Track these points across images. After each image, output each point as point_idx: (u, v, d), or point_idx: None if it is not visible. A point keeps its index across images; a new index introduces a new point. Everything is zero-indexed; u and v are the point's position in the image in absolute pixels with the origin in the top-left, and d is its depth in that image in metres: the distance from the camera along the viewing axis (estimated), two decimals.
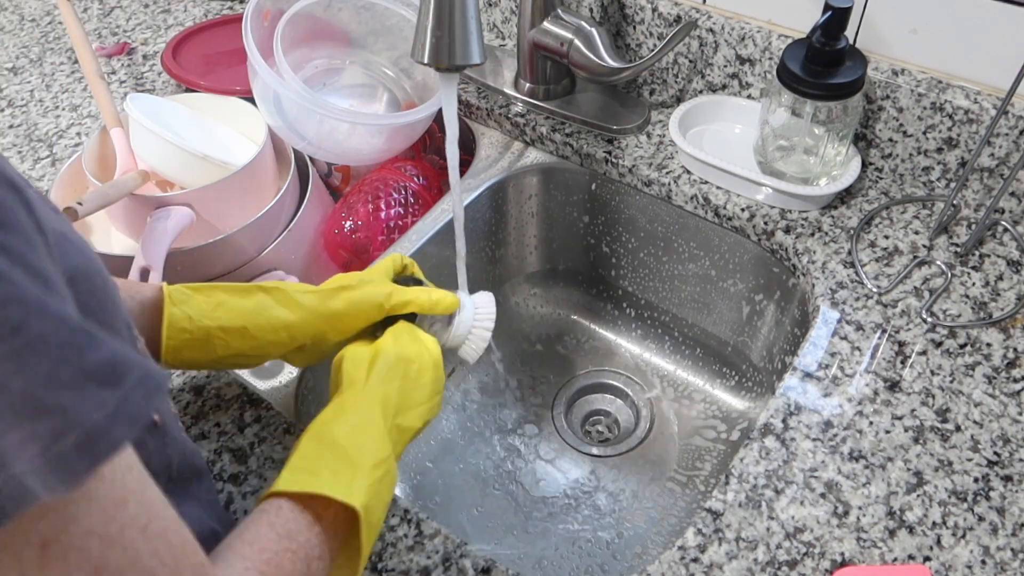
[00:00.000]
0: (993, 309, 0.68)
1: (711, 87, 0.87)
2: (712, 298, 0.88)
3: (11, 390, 0.24)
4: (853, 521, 0.55)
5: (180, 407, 0.65)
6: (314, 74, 0.90)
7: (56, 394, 0.24)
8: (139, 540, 0.29)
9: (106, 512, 0.28)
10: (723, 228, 0.81)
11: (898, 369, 0.64)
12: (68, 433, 0.25)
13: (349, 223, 0.85)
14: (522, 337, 0.98)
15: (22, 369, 0.24)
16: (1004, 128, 0.71)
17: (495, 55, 0.97)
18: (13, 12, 1.16)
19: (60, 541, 0.26)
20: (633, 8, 0.86)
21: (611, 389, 0.93)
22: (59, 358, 0.25)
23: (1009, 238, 0.73)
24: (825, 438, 0.60)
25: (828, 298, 0.69)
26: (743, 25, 0.81)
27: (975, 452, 0.59)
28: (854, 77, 0.70)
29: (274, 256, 0.79)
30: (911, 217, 0.76)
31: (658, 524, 0.81)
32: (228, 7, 1.13)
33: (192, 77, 0.95)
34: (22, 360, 0.24)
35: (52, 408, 0.24)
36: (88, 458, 0.25)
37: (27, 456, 0.24)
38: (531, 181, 0.90)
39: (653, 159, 0.84)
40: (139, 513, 0.29)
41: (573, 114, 0.88)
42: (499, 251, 0.95)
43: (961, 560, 0.53)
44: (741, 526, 0.55)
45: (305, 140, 0.80)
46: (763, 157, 0.78)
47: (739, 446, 0.73)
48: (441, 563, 0.55)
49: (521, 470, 0.86)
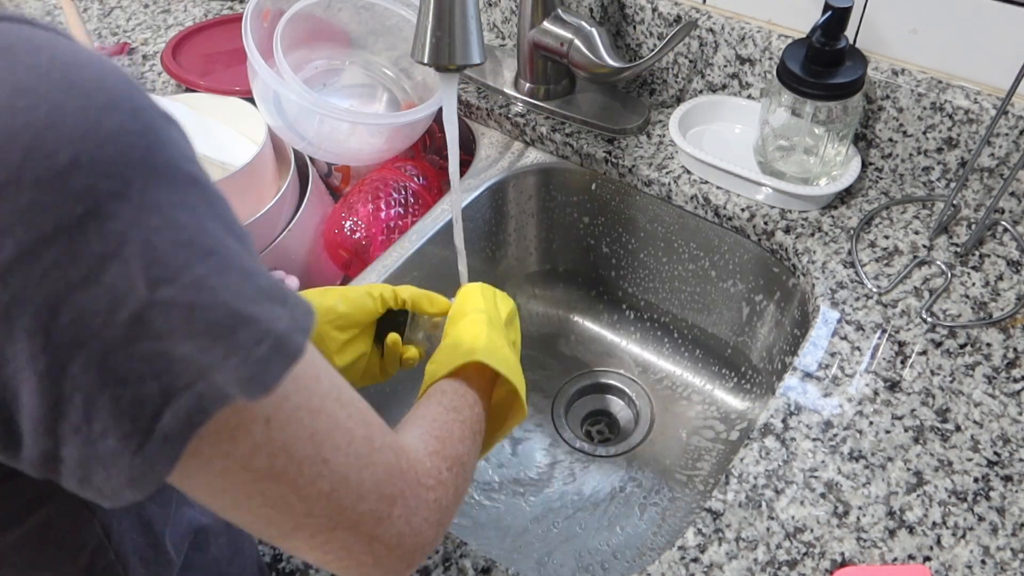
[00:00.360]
0: (993, 309, 0.68)
1: (711, 87, 0.87)
2: (712, 298, 0.88)
3: (216, 305, 0.28)
4: (853, 521, 0.55)
5: None
6: (314, 74, 0.90)
7: (249, 307, 0.29)
8: (336, 407, 0.34)
9: (308, 388, 0.32)
10: (723, 228, 0.81)
11: (898, 369, 0.64)
12: (264, 340, 0.29)
13: (349, 223, 0.85)
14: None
15: (222, 285, 0.28)
16: (1004, 128, 0.71)
17: (495, 55, 0.97)
18: None
19: (279, 416, 0.31)
20: (633, 8, 0.86)
21: (611, 389, 0.93)
22: (243, 278, 0.29)
23: (1009, 238, 0.73)
24: (825, 438, 0.60)
25: (828, 298, 0.69)
26: (743, 25, 0.81)
27: (975, 452, 0.59)
28: (854, 77, 0.70)
29: (274, 256, 0.79)
30: (911, 217, 0.76)
31: (658, 524, 0.81)
32: (228, 7, 1.13)
33: (192, 77, 0.95)
34: (220, 278, 0.28)
35: (248, 319, 0.28)
36: (282, 361, 0.30)
37: (231, 364, 0.28)
38: (531, 181, 0.90)
39: (653, 159, 0.84)
40: (331, 386, 0.34)
41: (573, 114, 0.88)
42: (499, 251, 0.95)
43: (961, 560, 0.53)
44: (741, 526, 0.55)
45: (305, 140, 0.80)
46: (763, 157, 0.78)
47: (739, 446, 0.73)
48: (441, 563, 0.55)
49: (521, 470, 0.86)
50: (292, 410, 0.32)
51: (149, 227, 0.26)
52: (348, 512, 0.35)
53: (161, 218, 0.27)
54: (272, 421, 0.31)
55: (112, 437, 0.27)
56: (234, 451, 0.30)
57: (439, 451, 0.44)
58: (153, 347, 0.27)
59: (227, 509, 0.33)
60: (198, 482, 0.31)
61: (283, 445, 0.31)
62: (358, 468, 0.35)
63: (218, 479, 0.31)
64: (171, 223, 0.27)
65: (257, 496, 0.32)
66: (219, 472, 0.30)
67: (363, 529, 0.36)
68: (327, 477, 0.33)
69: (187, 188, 0.28)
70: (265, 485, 0.32)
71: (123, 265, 0.26)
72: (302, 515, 0.33)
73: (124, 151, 0.26)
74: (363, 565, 0.37)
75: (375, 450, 0.36)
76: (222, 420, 0.29)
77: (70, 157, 0.25)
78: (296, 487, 0.32)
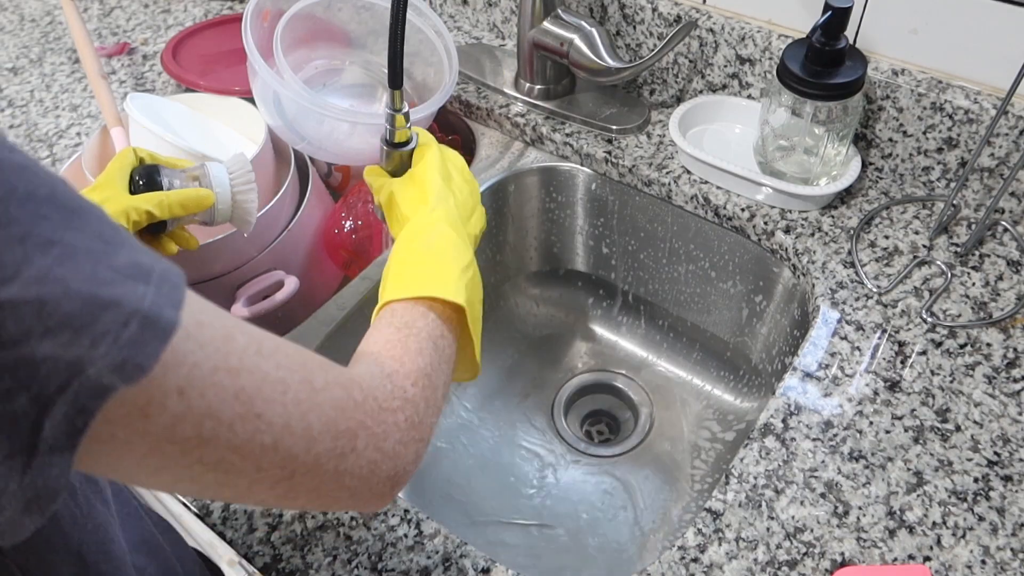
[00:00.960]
0: (993, 309, 0.68)
1: (711, 87, 0.87)
2: (712, 298, 0.88)
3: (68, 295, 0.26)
4: (853, 521, 0.55)
5: None
6: (314, 74, 0.90)
7: (106, 290, 0.27)
8: (258, 360, 0.33)
9: (219, 350, 0.31)
10: (723, 228, 0.81)
11: (898, 369, 0.64)
12: (130, 321, 0.27)
13: (349, 223, 0.84)
14: (522, 337, 0.98)
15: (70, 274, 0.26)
16: (1004, 128, 0.71)
17: (495, 55, 0.97)
18: (13, 12, 1.16)
19: (193, 384, 0.30)
20: (633, 8, 0.86)
21: (611, 389, 0.93)
22: (94, 262, 0.27)
23: (1009, 238, 0.73)
24: (825, 438, 0.60)
25: (828, 298, 0.69)
26: (743, 25, 0.81)
27: (975, 452, 0.59)
28: (854, 77, 0.70)
29: (274, 256, 0.79)
30: (911, 217, 0.76)
31: (658, 524, 0.81)
32: (228, 7, 1.13)
33: (192, 77, 0.95)
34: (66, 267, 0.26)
35: (108, 302, 0.27)
36: (155, 339, 0.28)
37: (101, 353, 0.26)
38: (531, 181, 0.90)
39: (653, 159, 0.84)
40: (248, 342, 0.33)
41: (573, 114, 0.88)
42: (499, 251, 0.95)
43: (961, 560, 0.53)
44: (741, 526, 0.55)
45: (305, 140, 0.80)
46: (763, 157, 0.78)
47: (739, 446, 0.73)
48: (441, 563, 0.55)
49: (521, 471, 0.86)
50: (208, 375, 0.31)
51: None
52: (302, 457, 0.35)
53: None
54: (186, 391, 0.30)
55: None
56: (152, 428, 0.29)
57: (397, 371, 0.43)
58: (11, 355, 0.25)
59: (172, 484, 0.33)
60: (126, 467, 0.30)
61: (206, 411, 0.31)
62: (300, 414, 0.34)
63: (148, 458, 0.30)
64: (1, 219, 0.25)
65: (196, 465, 0.31)
66: (145, 452, 0.30)
67: (326, 468, 0.36)
68: (265, 431, 0.33)
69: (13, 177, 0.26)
70: (201, 452, 0.31)
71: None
72: (253, 471, 0.33)
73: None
74: (339, 500, 0.38)
75: (317, 391, 0.36)
76: (124, 404, 0.28)
77: None
78: (234, 447, 0.32)
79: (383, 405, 0.40)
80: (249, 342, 0.33)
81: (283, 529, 0.57)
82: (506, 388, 0.93)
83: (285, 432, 0.34)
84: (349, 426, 0.37)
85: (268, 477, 0.34)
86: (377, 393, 0.40)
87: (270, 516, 0.58)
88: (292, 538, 0.57)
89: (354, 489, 0.38)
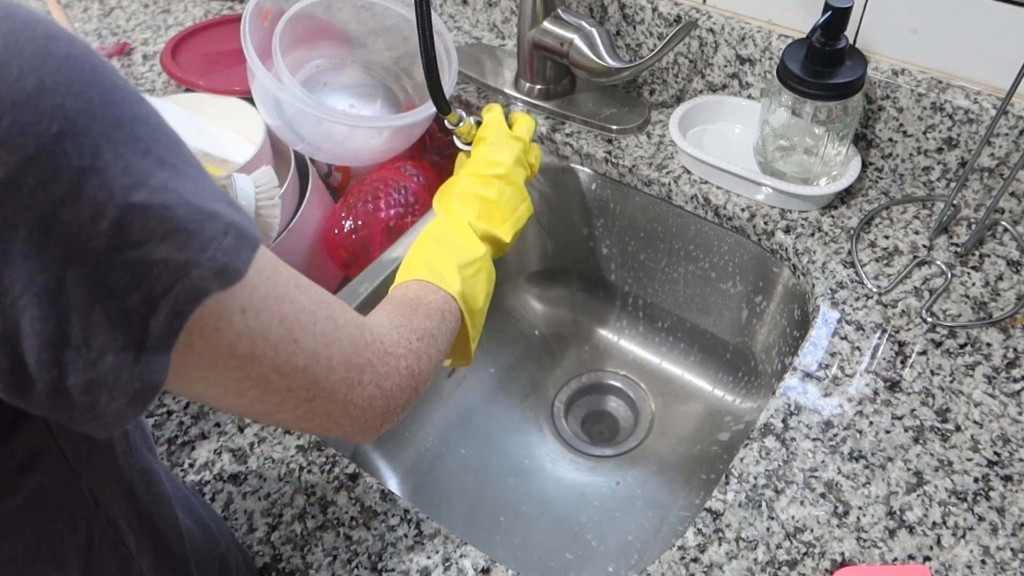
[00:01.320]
0: (993, 309, 0.68)
1: (711, 87, 0.87)
2: (712, 298, 0.88)
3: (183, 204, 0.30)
4: (853, 521, 0.55)
5: (180, 407, 0.65)
6: (315, 74, 0.90)
7: (210, 204, 0.31)
8: (297, 293, 0.38)
9: (270, 279, 0.36)
10: (723, 228, 0.81)
11: (898, 369, 0.64)
12: (229, 231, 0.31)
13: (349, 223, 0.84)
14: (522, 337, 0.98)
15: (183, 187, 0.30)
16: (1004, 128, 0.71)
17: (495, 55, 0.97)
18: None
19: (252, 305, 0.35)
20: (633, 8, 0.86)
21: (611, 389, 0.93)
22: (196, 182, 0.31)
23: (1009, 238, 0.73)
24: (825, 438, 0.60)
25: (828, 298, 0.69)
26: (743, 25, 0.81)
27: (975, 452, 0.59)
28: (854, 77, 0.70)
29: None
30: (911, 217, 0.76)
31: (658, 524, 0.81)
32: (228, 7, 1.13)
33: (191, 77, 0.95)
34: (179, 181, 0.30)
35: (212, 213, 0.31)
36: (247, 248, 0.32)
37: (207, 257, 0.30)
38: (531, 181, 0.90)
39: (653, 159, 0.84)
40: (290, 275, 0.38)
41: (573, 114, 0.88)
42: None
43: (961, 560, 0.53)
44: (741, 526, 0.55)
45: (304, 141, 0.80)
46: (763, 157, 0.78)
47: (739, 446, 0.73)
48: (441, 563, 0.55)
49: (521, 471, 0.86)
50: (262, 299, 0.35)
51: (115, 139, 0.28)
52: (322, 383, 0.40)
53: (122, 131, 0.29)
54: (247, 310, 0.34)
55: (110, 353, 0.29)
56: (220, 342, 0.34)
57: (405, 325, 0.50)
58: (133, 255, 0.29)
59: (221, 397, 0.37)
60: (195, 377, 0.34)
61: (260, 331, 0.35)
62: (325, 344, 0.40)
63: (211, 370, 0.34)
64: (131, 135, 0.29)
65: (245, 380, 0.36)
66: (211, 363, 0.34)
67: (338, 395, 0.41)
68: (299, 354, 0.38)
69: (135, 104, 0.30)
70: (251, 368, 0.36)
71: (100, 176, 0.28)
72: (284, 390, 0.38)
73: (78, 72, 0.28)
74: (341, 426, 0.43)
75: (338, 327, 0.41)
76: (205, 315, 0.32)
77: (36, 81, 0.27)
78: (275, 366, 0.37)
79: (388, 350, 0.46)
80: (290, 276, 0.38)
81: (283, 529, 0.57)
82: (506, 388, 0.93)
83: (313, 358, 0.39)
84: (359, 362, 0.42)
85: (295, 397, 0.39)
86: (385, 339, 0.46)
87: (270, 516, 0.58)
88: (292, 538, 0.57)
89: (355, 418, 0.43)
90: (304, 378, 0.38)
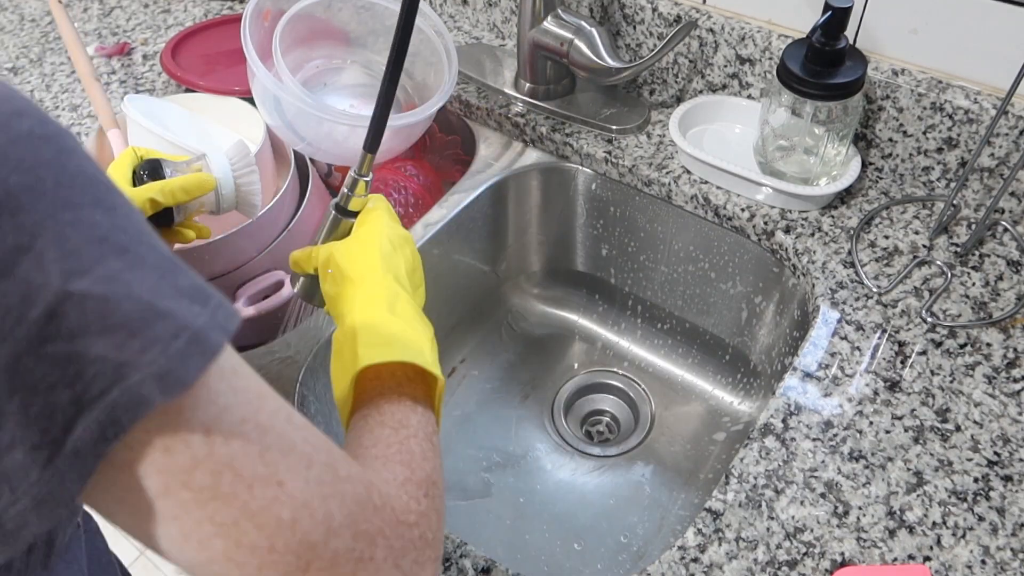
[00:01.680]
0: (993, 309, 0.68)
1: (711, 87, 0.87)
2: (712, 298, 0.88)
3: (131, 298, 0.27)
4: (853, 521, 0.55)
5: None
6: (315, 73, 0.90)
7: (165, 302, 0.28)
8: (289, 428, 0.32)
9: (252, 403, 0.31)
10: (723, 228, 0.81)
11: (898, 369, 0.64)
12: (181, 334, 0.28)
13: None
14: (522, 337, 0.98)
15: (136, 280, 0.27)
16: (1004, 128, 0.71)
17: (495, 55, 0.97)
18: (13, 12, 1.16)
19: (220, 428, 0.29)
20: (633, 8, 0.86)
21: (611, 389, 0.93)
22: (159, 276, 0.28)
23: (1009, 238, 0.73)
24: (825, 438, 0.60)
25: (828, 298, 0.69)
26: (743, 25, 0.81)
27: (975, 452, 0.59)
28: (854, 77, 0.70)
29: (274, 256, 0.79)
30: (911, 217, 0.76)
31: (658, 524, 0.81)
32: (228, 7, 1.13)
33: (191, 77, 0.95)
34: (134, 274, 0.28)
35: (164, 313, 0.28)
36: (201, 356, 0.29)
37: (147, 360, 0.27)
38: (531, 181, 0.90)
39: (653, 159, 0.84)
40: (280, 407, 0.33)
41: (573, 114, 0.88)
42: (499, 251, 0.95)
43: (961, 560, 0.53)
44: (741, 526, 0.55)
45: (304, 141, 0.80)
46: (763, 157, 0.78)
47: (739, 446, 0.73)
48: (441, 563, 0.55)
49: (521, 470, 0.86)
50: (236, 423, 0.30)
51: (63, 221, 0.26)
52: (319, 549, 0.31)
53: (74, 214, 0.27)
54: (212, 432, 0.29)
55: (20, 450, 0.26)
56: (171, 466, 0.28)
57: (409, 478, 0.40)
58: (66, 348, 0.26)
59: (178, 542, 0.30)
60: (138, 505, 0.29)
61: (228, 461, 0.29)
62: (322, 496, 0.32)
63: (161, 501, 0.29)
64: (84, 220, 0.27)
65: (206, 523, 0.29)
66: (159, 492, 0.29)
67: (343, 571, 0.32)
68: (285, 503, 0.30)
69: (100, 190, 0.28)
70: (213, 508, 0.29)
71: (36, 258, 0.26)
72: (266, 549, 0.30)
73: (34, 151, 0.27)
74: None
75: (340, 479, 0.33)
76: (151, 430, 0.28)
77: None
78: (250, 513, 0.30)
79: (400, 518, 0.37)
80: (281, 407, 0.33)
81: None
82: (506, 388, 0.93)
83: (305, 511, 0.31)
84: (368, 529, 0.34)
85: (283, 563, 0.31)
86: (395, 503, 0.37)
87: None
88: None
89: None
90: (292, 537, 0.31)
